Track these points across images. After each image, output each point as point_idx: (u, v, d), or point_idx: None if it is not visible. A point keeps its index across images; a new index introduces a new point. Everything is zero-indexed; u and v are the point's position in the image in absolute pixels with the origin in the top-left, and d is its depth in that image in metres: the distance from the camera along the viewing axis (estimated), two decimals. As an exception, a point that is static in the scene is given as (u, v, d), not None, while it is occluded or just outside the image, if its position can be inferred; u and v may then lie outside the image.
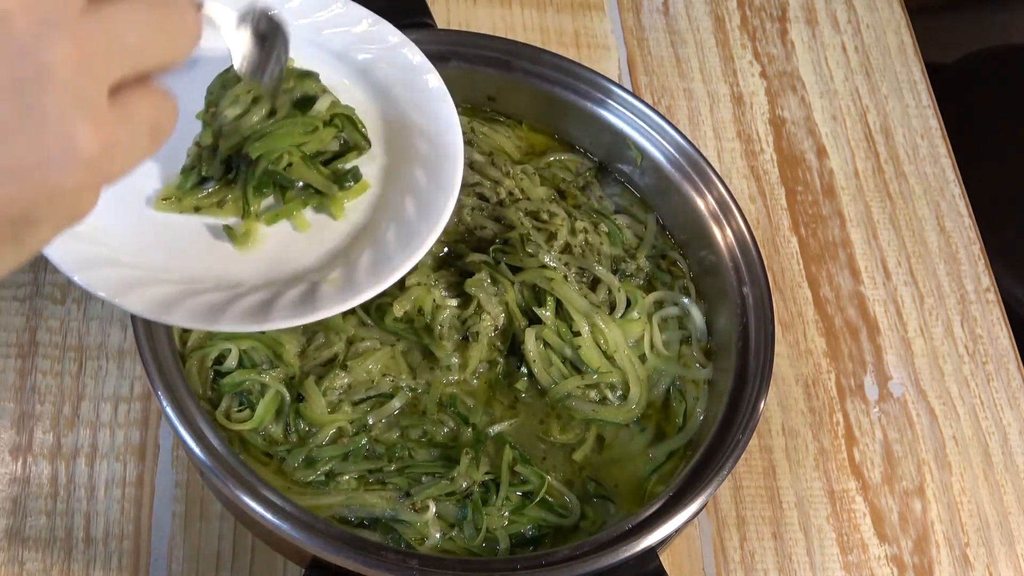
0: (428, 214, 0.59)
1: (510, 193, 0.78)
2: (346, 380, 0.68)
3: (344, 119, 0.61)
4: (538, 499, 0.66)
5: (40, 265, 0.76)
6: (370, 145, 0.63)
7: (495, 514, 0.65)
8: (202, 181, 0.60)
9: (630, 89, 0.88)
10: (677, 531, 0.62)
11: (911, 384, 0.86)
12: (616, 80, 0.85)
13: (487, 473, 0.66)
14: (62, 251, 0.53)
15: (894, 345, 0.88)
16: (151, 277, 0.55)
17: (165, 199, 0.59)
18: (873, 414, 0.84)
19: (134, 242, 0.57)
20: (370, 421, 0.67)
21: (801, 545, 0.77)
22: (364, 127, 0.63)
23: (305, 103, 0.60)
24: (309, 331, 0.69)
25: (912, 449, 0.83)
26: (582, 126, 0.81)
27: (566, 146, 0.83)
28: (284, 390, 0.66)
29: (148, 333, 0.63)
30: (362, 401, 0.68)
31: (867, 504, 0.80)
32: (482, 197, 0.77)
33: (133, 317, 0.63)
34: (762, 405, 0.67)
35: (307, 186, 0.61)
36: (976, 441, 0.84)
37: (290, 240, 0.60)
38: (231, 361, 0.66)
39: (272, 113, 0.59)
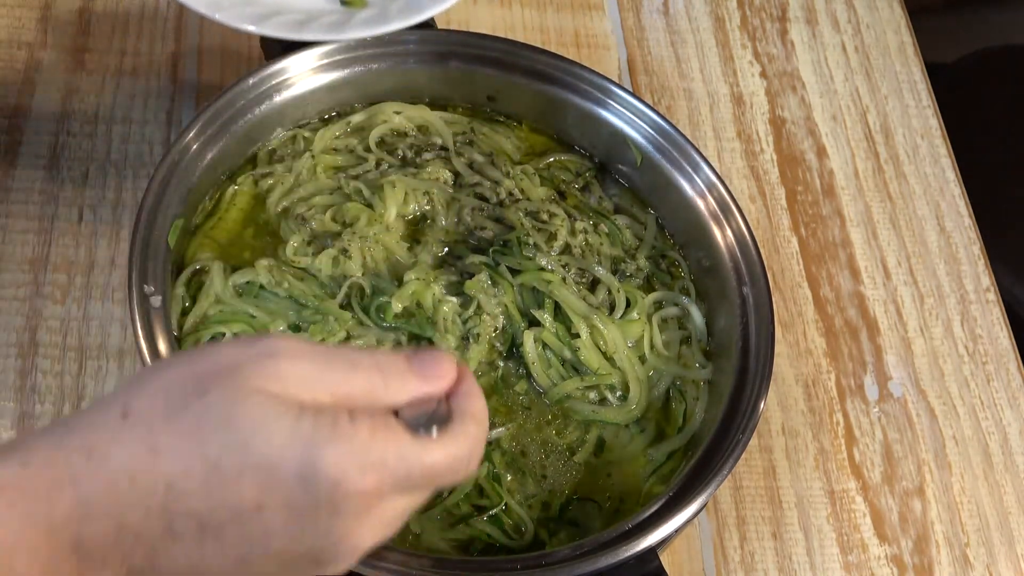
0: None
1: (510, 193, 0.78)
2: None
3: None
4: (490, 515, 0.66)
5: (40, 265, 0.76)
6: None
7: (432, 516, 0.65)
8: None
9: (630, 89, 0.88)
10: (677, 531, 0.62)
11: (911, 384, 0.86)
12: (616, 80, 0.85)
13: None
14: None
15: (894, 345, 0.88)
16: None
17: None
18: (873, 414, 0.84)
19: None
20: None
21: (801, 545, 0.77)
22: None
23: None
24: (306, 322, 0.69)
25: (912, 449, 0.83)
26: (582, 126, 0.81)
27: (566, 146, 0.83)
28: None
29: (148, 333, 0.62)
30: None
31: (867, 504, 0.80)
32: (482, 197, 0.77)
33: (132, 315, 0.63)
34: (762, 405, 0.67)
35: None
36: (976, 441, 0.84)
37: None
38: None
39: None
